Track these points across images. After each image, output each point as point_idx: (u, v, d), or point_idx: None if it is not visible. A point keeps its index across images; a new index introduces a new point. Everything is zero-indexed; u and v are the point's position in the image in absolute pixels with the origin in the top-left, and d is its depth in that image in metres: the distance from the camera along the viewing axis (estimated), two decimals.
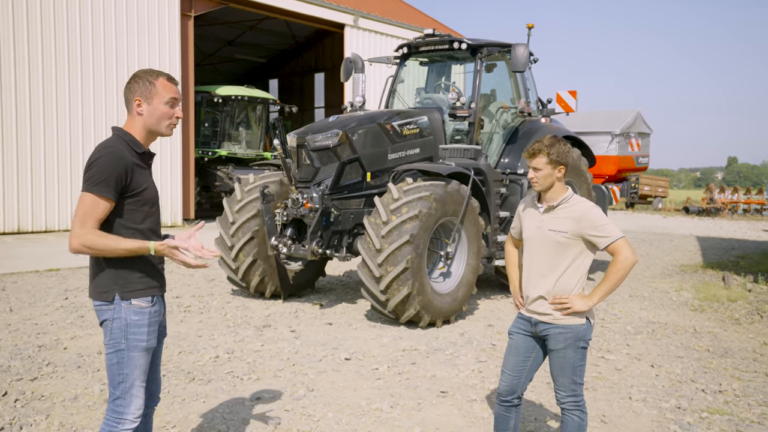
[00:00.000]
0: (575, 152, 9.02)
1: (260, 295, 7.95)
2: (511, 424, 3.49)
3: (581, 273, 3.30)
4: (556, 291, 3.28)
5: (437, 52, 8.65)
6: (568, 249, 3.27)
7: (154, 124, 2.78)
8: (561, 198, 3.32)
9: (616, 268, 3.20)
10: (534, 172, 3.30)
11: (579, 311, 3.23)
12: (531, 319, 3.37)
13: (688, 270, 11.11)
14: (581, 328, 3.27)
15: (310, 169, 7.28)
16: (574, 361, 3.28)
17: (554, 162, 3.26)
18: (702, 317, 7.51)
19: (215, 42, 26.49)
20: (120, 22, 14.64)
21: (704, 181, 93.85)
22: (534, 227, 3.38)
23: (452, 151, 7.90)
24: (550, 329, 3.29)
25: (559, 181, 3.31)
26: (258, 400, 4.59)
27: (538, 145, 3.29)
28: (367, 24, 20.03)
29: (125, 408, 2.74)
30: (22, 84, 13.17)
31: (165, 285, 2.92)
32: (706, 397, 4.85)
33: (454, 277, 7.18)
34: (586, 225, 3.23)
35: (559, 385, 3.33)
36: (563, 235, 3.25)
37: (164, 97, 2.76)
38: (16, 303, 7.30)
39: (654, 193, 29.14)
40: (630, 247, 3.24)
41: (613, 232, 3.24)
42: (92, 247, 2.60)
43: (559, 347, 3.27)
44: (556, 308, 3.26)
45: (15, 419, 4.12)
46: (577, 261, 3.28)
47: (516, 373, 3.42)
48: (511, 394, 3.44)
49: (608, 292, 3.24)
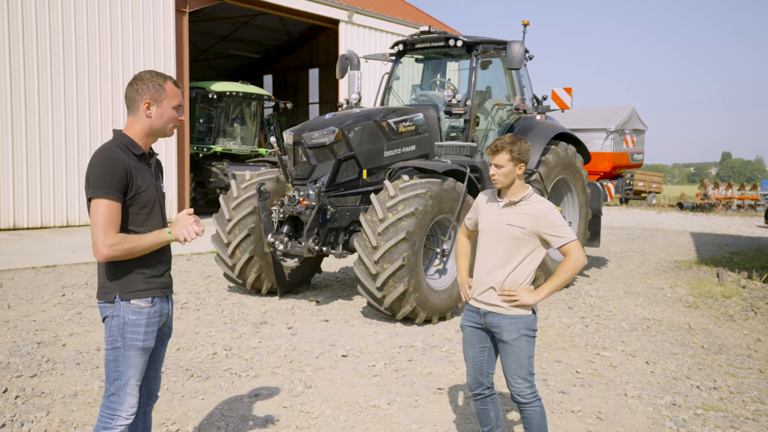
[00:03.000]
0: (570, 149, 9.06)
1: (257, 292, 7.97)
2: (491, 415, 3.59)
3: (531, 269, 3.39)
4: (507, 284, 3.37)
5: (433, 49, 8.66)
6: (523, 244, 3.35)
7: (161, 127, 2.81)
8: (522, 195, 3.40)
9: (567, 268, 3.32)
10: (496, 169, 3.36)
11: (526, 304, 3.33)
12: (479, 309, 3.45)
13: (682, 266, 11.18)
14: (529, 318, 3.38)
15: (307, 166, 7.30)
16: (528, 351, 3.37)
17: (516, 159, 3.33)
18: (696, 314, 7.57)
19: (210, 38, 26.43)
20: (115, 18, 14.58)
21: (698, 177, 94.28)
22: (492, 220, 3.45)
23: (448, 149, 7.93)
24: (500, 320, 3.37)
25: (519, 179, 3.39)
26: (256, 397, 4.61)
27: (501, 142, 3.37)
28: (361, 20, 20.00)
29: (119, 405, 2.77)
30: (17, 80, 13.11)
31: (171, 286, 2.93)
32: (700, 394, 4.90)
33: (450, 274, 7.22)
34: (545, 224, 3.32)
35: (517, 377, 3.37)
36: (521, 230, 3.34)
37: (173, 101, 2.81)
38: (13, 300, 7.30)
39: (648, 188, 29.29)
40: (582, 249, 3.37)
41: (568, 233, 3.35)
42: (121, 250, 2.65)
43: (512, 337, 3.34)
44: (504, 299, 3.35)
45: (16, 416, 4.13)
46: (529, 257, 3.38)
47: (476, 365, 3.52)
48: (479, 386, 3.53)
49: (556, 289, 3.36)
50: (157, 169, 2.94)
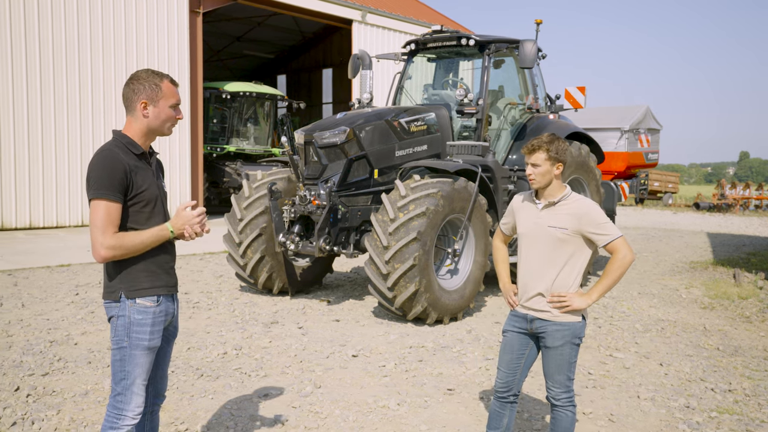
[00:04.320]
0: (584, 149, 8.98)
1: (268, 292, 7.98)
2: (504, 422, 3.52)
3: (579, 270, 3.31)
4: (555, 288, 3.29)
5: (445, 48, 8.62)
6: (567, 245, 3.28)
7: (159, 126, 2.80)
8: (561, 195, 3.33)
9: (615, 266, 3.23)
10: (532, 168, 3.30)
11: (577, 309, 3.25)
12: (527, 316, 3.38)
13: (698, 267, 11.05)
14: (578, 325, 3.30)
15: (318, 166, 7.29)
16: (570, 358, 3.31)
17: (553, 159, 3.26)
18: (712, 315, 7.47)
19: (223, 38, 26.54)
20: (129, 18, 14.68)
21: (715, 177, 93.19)
22: (532, 223, 3.37)
23: (460, 148, 7.89)
24: (548, 326, 3.30)
25: (557, 179, 3.32)
26: (265, 397, 4.61)
27: (538, 141, 3.30)
28: (374, 20, 19.99)
29: (125, 405, 2.77)
30: (33, 80, 13.24)
31: (176, 285, 2.92)
32: (715, 396, 4.83)
33: (462, 274, 7.18)
34: (588, 222, 3.24)
35: (554, 382, 3.35)
36: (563, 231, 3.26)
37: (170, 100, 2.79)
38: (27, 298, 7.36)
39: (664, 188, 28.96)
40: (628, 245, 3.27)
41: (612, 230, 3.26)
42: (119, 250, 2.64)
43: (556, 344, 3.29)
44: (554, 306, 3.27)
45: (27, 414, 4.16)
46: (575, 258, 3.30)
47: (511, 370, 3.45)
48: (507, 390, 3.48)
49: (606, 290, 3.27)
50: (158, 168, 2.93)
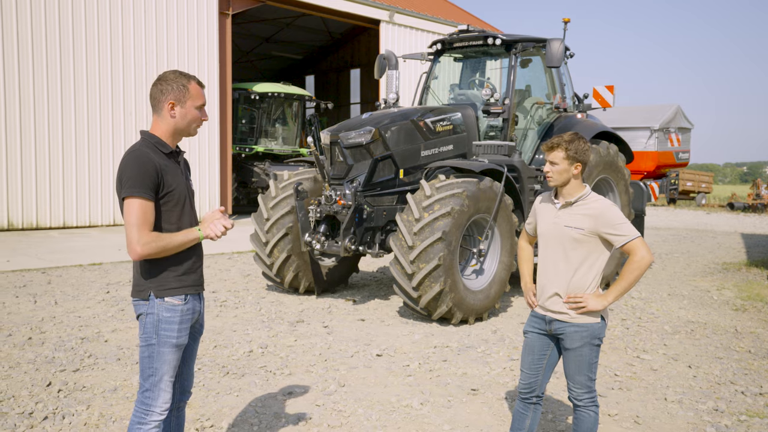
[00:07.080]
0: (612, 148, 8.86)
1: (294, 291, 8.04)
2: (526, 423, 3.50)
3: (596, 271, 3.28)
4: (572, 289, 3.26)
5: (471, 47, 8.59)
6: (584, 246, 3.25)
7: (185, 127, 2.86)
8: (579, 195, 3.30)
9: (632, 268, 3.18)
10: (550, 166, 3.28)
11: (594, 310, 3.22)
12: (545, 317, 3.36)
13: (730, 268, 10.83)
14: (597, 326, 3.27)
15: (344, 166, 7.33)
16: (590, 359, 3.28)
17: (571, 158, 3.24)
18: (744, 317, 7.32)
19: (252, 39, 26.80)
20: (160, 20, 14.93)
21: (751, 176, 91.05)
22: (550, 222, 3.35)
23: (486, 148, 7.85)
24: (566, 328, 3.28)
25: (575, 178, 3.29)
26: (290, 395, 4.66)
27: (557, 139, 3.28)
28: (402, 20, 20.01)
29: (153, 401, 2.83)
30: (67, 81, 13.54)
31: (202, 284, 2.98)
32: (745, 400, 4.73)
33: (487, 274, 7.15)
34: (604, 223, 3.21)
35: (575, 382, 3.33)
36: (579, 231, 3.23)
37: (197, 101, 2.85)
38: (60, 296, 7.54)
39: (697, 188, 28.39)
40: (646, 246, 3.22)
41: (629, 231, 3.22)
42: (155, 249, 2.70)
43: (575, 346, 3.26)
44: (570, 307, 3.25)
45: (58, 409, 4.27)
46: (592, 258, 3.26)
47: (533, 371, 3.43)
48: (530, 392, 3.45)
49: (624, 292, 3.23)
50: (185, 166, 2.99)
